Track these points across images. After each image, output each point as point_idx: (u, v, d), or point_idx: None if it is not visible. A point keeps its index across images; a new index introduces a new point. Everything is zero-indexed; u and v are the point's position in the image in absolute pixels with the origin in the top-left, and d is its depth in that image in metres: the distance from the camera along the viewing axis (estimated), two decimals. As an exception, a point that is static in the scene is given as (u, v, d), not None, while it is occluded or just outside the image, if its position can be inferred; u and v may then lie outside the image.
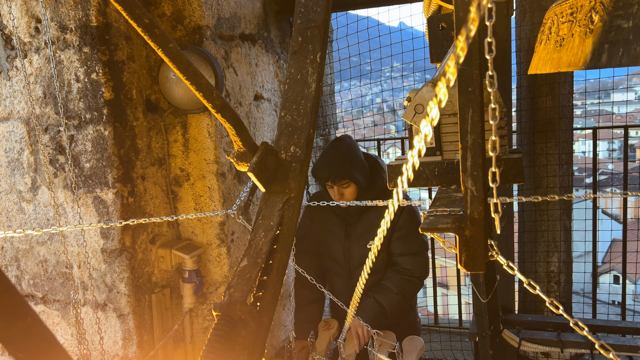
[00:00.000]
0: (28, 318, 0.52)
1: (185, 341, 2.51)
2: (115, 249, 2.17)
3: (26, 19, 2.16)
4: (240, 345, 0.93)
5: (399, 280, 2.49)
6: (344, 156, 2.43)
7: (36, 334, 0.53)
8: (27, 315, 0.52)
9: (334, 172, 2.40)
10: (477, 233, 0.98)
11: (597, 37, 0.85)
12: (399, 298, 2.48)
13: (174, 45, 1.00)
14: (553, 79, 2.84)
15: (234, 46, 2.54)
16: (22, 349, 0.52)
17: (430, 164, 1.38)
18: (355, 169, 2.41)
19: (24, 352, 0.52)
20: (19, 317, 0.51)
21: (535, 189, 2.94)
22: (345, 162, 2.40)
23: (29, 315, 0.52)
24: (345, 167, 2.39)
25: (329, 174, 2.42)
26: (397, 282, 2.49)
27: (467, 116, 0.95)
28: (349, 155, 2.44)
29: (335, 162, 2.41)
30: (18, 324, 0.52)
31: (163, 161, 2.40)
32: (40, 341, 0.53)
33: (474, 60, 0.95)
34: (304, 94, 1.26)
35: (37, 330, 0.53)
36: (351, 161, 2.42)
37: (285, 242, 1.10)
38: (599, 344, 0.92)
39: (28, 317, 0.52)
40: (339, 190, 2.44)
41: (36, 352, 0.53)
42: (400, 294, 2.48)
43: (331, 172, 2.41)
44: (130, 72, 2.21)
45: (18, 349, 0.52)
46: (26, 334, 0.52)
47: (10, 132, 2.28)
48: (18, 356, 0.52)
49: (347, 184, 2.42)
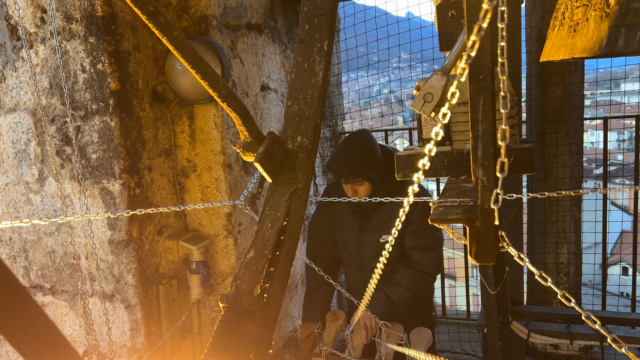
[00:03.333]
0: (31, 310, 0.51)
1: (193, 332, 2.51)
2: (122, 240, 2.17)
3: (32, 9, 2.15)
4: (247, 337, 0.92)
5: (410, 275, 2.47)
6: (359, 154, 2.39)
7: (39, 327, 0.52)
8: (29, 307, 0.51)
9: (347, 170, 2.38)
10: (488, 224, 0.96)
11: (613, 21, 0.83)
12: (409, 294, 2.45)
13: (179, 34, 0.99)
14: (564, 68, 2.80)
15: (240, 36, 2.52)
16: (25, 341, 0.51)
17: (440, 154, 1.36)
18: (370, 168, 2.38)
19: (27, 344, 0.51)
20: (22, 309, 0.51)
21: (544, 179, 2.91)
22: (360, 160, 2.37)
23: (32, 307, 0.51)
24: (359, 166, 2.36)
25: (342, 172, 2.40)
26: (408, 277, 2.46)
27: (478, 104, 0.93)
28: (364, 152, 2.40)
29: (349, 160, 2.38)
30: (21, 316, 0.51)
31: (170, 152, 2.40)
32: (43, 333, 0.52)
33: (485, 47, 0.92)
34: (311, 83, 1.24)
35: (40, 322, 0.52)
36: (366, 159, 2.38)
37: (293, 233, 1.08)
38: (611, 338, 0.90)
39: (31, 309, 0.51)
40: (353, 187, 2.42)
41: (39, 345, 0.52)
42: (410, 290, 2.46)
43: (345, 170, 2.39)
44: (136, 62, 2.20)
45: (21, 341, 0.51)
46: (29, 326, 0.51)
47: (17, 123, 2.28)
48: (21, 348, 0.51)
49: (361, 182, 2.40)
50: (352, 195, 2.43)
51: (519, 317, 2.61)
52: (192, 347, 2.51)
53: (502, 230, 1.03)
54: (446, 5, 1.60)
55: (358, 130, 2.64)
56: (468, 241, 1.00)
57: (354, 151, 2.41)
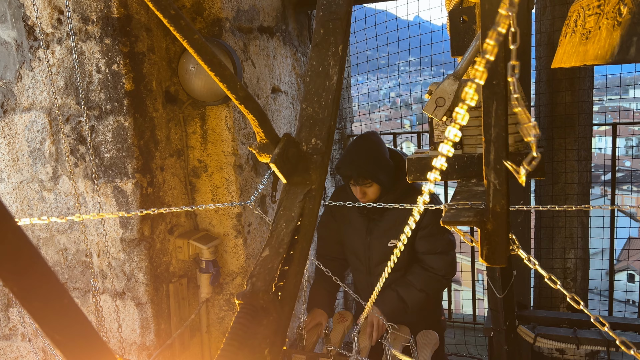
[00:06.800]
0: (64, 300, 0.53)
1: (202, 331, 2.53)
2: (134, 239, 2.20)
3: (49, 10, 2.19)
4: (262, 334, 0.95)
5: (424, 277, 2.46)
6: (368, 155, 2.39)
7: (72, 317, 0.54)
8: (63, 297, 0.53)
9: (356, 171, 2.38)
10: (500, 226, 0.98)
11: (625, 30, 0.85)
12: (422, 295, 2.44)
13: (199, 37, 1.01)
14: (573, 74, 2.81)
15: (253, 39, 2.55)
16: (59, 330, 0.53)
17: (451, 157, 1.37)
18: (379, 169, 2.38)
19: (60, 333, 0.53)
20: (56, 298, 0.53)
21: (553, 184, 2.92)
22: (369, 162, 2.37)
23: (65, 297, 0.53)
24: (368, 168, 2.36)
25: (351, 174, 2.40)
26: (422, 279, 2.45)
27: (492, 109, 0.95)
28: (373, 154, 2.40)
29: (358, 161, 2.38)
30: (55, 305, 0.53)
31: (181, 152, 2.43)
32: (75, 324, 0.54)
33: (498, 53, 0.94)
34: (326, 86, 1.26)
35: (73, 312, 0.54)
36: (375, 161, 2.38)
37: (306, 233, 1.11)
38: (620, 340, 0.91)
39: (64, 299, 0.53)
40: (362, 189, 2.42)
41: (71, 334, 0.54)
42: (424, 292, 2.45)
43: (354, 172, 2.38)
44: (150, 63, 2.23)
45: (55, 330, 0.53)
46: (62, 315, 0.53)
47: (32, 122, 2.32)
48: (54, 337, 0.53)
49: (370, 183, 2.40)
50: (361, 197, 2.43)
51: (526, 321, 2.62)
52: (201, 345, 2.54)
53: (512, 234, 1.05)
54: (458, 10, 1.62)
55: (366, 132, 2.64)
56: (479, 243, 1.02)
57: (362, 153, 2.41)
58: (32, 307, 0.51)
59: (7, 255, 0.47)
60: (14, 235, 0.47)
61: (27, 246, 0.48)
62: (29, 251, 0.48)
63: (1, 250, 0.46)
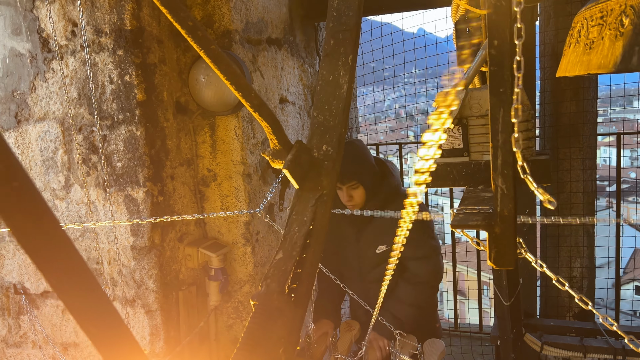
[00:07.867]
0: (99, 292, 0.56)
1: (210, 338, 2.55)
2: (144, 247, 2.23)
3: (63, 23, 2.24)
4: (277, 334, 0.97)
5: (410, 291, 2.46)
6: (353, 158, 2.44)
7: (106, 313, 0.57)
8: (97, 289, 0.56)
9: (342, 173, 2.42)
10: (507, 230, 1.01)
11: (627, 40, 0.88)
12: (413, 310, 2.45)
13: (216, 47, 1.05)
14: (577, 84, 2.84)
15: (261, 50, 2.60)
16: (95, 323, 0.57)
17: (458, 164, 1.41)
18: (364, 171, 2.42)
19: (96, 326, 0.57)
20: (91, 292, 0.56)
21: (558, 193, 2.94)
22: (354, 164, 2.42)
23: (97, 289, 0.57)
24: (353, 169, 2.40)
25: None
26: (409, 294, 2.46)
27: (499, 116, 0.98)
28: (358, 157, 2.45)
29: (344, 163, 2.42)
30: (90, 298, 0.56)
31: (191, 161, 2.47)
32: (108, 318, 0.58)
33: (505, 61, 0.98)
34: (336, 95, 1.30)
35: (107, 309, 0.57)
36: (360, 163, 2.43)
37: (318, 237, 1.14)
38: (628, 339, 0.94)
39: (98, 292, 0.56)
40: (348, 191, 2.45)
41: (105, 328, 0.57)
42: (414, 306, 2.45)
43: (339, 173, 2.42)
44: (161, 74, 2.28)
45: (90, 324, 0.56)
46: (98, 310, 0.57)
47: (45, 131, 2.36)
48: (90, 330, 0.56)
49: (356, 185, 2.43)
50: (347, 200, 2.45)
51: (532, 330, 2.63)
52: (210, 353, 2.56)
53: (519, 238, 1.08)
54: (464, 22, 1.66)
55: (351, 139, 2.68)
56: (487, 247, 1.05)
57: (348, 156, 2.44)
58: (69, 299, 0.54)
59: (48, 249, 0.51)
60: (55, 232, 0.50)
61: (65, 242, 0.52)
62: (67, 245, 0.52)
63: (41, 243, 0.50)
